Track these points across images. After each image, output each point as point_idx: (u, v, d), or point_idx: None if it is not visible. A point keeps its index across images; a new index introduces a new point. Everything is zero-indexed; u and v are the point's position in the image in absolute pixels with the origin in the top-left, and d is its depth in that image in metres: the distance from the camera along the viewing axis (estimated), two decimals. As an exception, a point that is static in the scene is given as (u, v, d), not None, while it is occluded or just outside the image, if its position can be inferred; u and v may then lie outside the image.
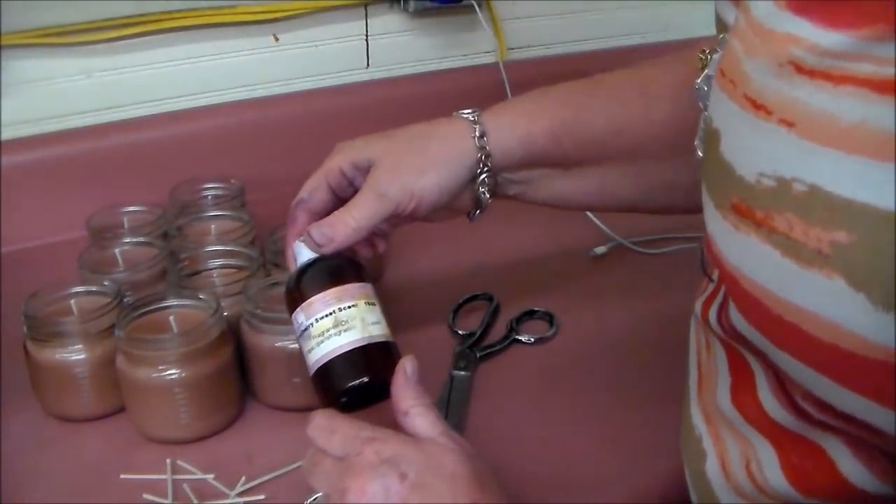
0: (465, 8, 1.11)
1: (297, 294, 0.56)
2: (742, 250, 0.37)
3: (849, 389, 0.34)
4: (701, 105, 0.45)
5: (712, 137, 0.39)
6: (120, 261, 0.73)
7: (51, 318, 0.64)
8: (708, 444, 0.47)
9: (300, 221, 0.62)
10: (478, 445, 0.50)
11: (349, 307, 0.54)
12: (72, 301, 0.66)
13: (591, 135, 0.63)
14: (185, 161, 0.96)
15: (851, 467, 0.38)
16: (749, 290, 0.37)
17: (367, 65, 1.10)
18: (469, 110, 0.63)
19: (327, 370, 0.53)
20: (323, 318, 0.54)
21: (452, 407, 0.65)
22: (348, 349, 0.53)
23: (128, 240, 0.76)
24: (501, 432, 0.62)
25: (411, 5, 1.06)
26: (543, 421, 0.64)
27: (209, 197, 0.86)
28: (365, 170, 0.62)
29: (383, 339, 0.54)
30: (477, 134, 0.61)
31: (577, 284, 0.84)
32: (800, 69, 0.33)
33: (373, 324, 0.54)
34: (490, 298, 0.79)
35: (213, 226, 0.80)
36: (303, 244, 0.59)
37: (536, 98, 0.65)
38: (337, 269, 0.57)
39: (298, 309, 0.56)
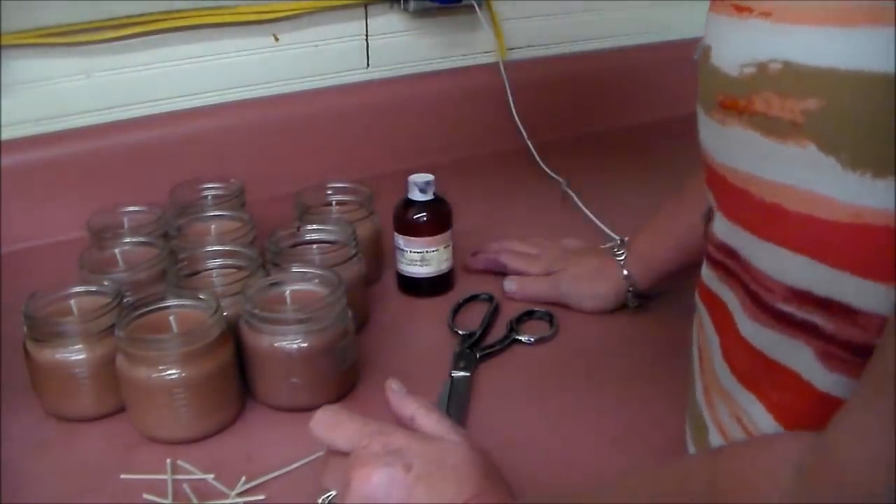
0: (465, 8, 1.11)
1: (402, 225, 0.80)
2: (728, 144, 0.40)
3: (823, 263, 0.37)
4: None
5: (704, 54, 0.43)
6: (120, 261, 0.73)
7: (51, 318, 0.64)
8: (707, 415, 0.49)
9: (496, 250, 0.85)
10: (478, 445, 0.51)
11: (433, 251, 0.80)
12: (72, 301, 0.66)
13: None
14: (185, 161, 0.96)
15: (825, 378, 0.39)
16: (734, 183, 0.40)
17: (367, 65, 1.10)
18: (617, 246, 0.78)
19: (412, 283, 0.81)
20: (414, 252, 0.80)
21: (452, 407, 0.65)
22: (429, 276, 0.81)
23: (128, 240, 0.76)
24: (501, 432, 0.62)
25: (411, 5, 1.06)
26: (543, 421, 0.64)
27: (209, 197, 0.86)
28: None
29: (448, 270, 0.82)
30: (624, 273, 0.77)
31: (577, 284, 0.84)
32: None
33: (445, 261, 0.81)
34: (490, 298, 0.80)
35: (212, 226, 0.80)
36: (414, 185, 0.79)
37: (667, 221, 0.76)
38: (430, 224, 0.79)
39: (402, 237, 0.80)
